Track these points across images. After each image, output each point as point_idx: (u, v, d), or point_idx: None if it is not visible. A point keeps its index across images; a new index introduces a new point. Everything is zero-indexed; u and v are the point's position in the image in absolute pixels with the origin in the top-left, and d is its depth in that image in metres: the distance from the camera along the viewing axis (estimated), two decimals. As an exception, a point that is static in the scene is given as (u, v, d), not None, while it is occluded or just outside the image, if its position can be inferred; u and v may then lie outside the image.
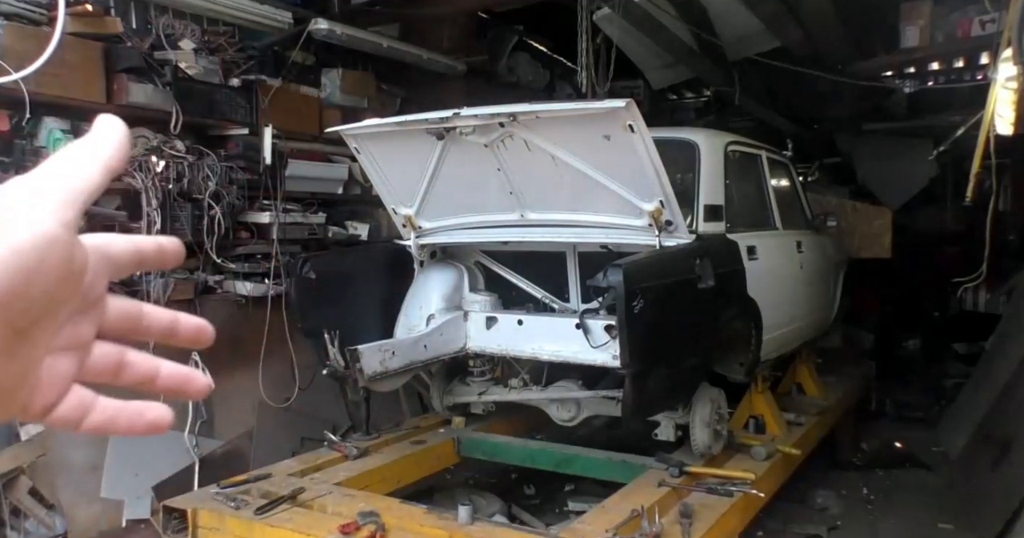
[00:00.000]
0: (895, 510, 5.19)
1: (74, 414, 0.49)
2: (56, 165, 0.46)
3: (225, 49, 4.94)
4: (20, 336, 0.42)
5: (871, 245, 7.34)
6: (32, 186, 0.44)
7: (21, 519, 4.15)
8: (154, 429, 0.53)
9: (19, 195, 0.43)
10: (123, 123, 0.50)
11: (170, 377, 0.54)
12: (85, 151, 0.47)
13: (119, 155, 0.48)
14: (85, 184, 0.46)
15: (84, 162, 0.47)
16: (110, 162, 0.48)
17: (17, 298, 0.40)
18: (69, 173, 0.46)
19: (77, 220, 0.44)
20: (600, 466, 4.13)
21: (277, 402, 5.26)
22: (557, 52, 8.20)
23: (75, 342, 0.48)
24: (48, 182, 0.44)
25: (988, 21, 5.94)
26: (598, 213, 3.61)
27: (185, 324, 0.55)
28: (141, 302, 0.54)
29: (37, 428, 4.24)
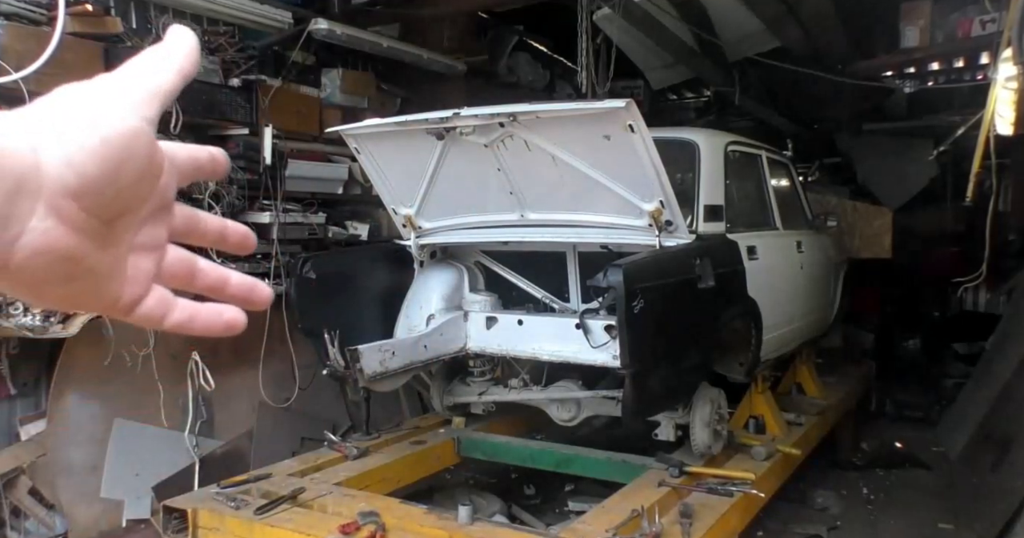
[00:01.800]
0: (895, 510, 5.19)
1: (157, 310, 0.52)
2: (135, 68, 0.49)
3: (225, 49, 4.94)
4: (109, 227, 0.46)
5: (871, 245, 7.34)
6: (116, 84, 0.46)
7: (21, 519, 4.16)
8: (231, 329, 0.56)
9: (105, 91, 0.45)
10: (192, 32, 0.53)
11: (239, 285, 0.57)
12: (161, 56, 0.50)
13: (191, 60, 0.51)
14: (162, 85, 0.48)
15: (161, 66, 0.50)
16: (184, 66, 0.51)
17: (107, 185, 0.43)
18: (148, 75, 0.48)
19: (157, 118, 0.47)
20: (600, 466, 4.13)
21: (277, 402, 5.26)
22: (557, 52, 8.20)
23: (153, 242, 0.51)
24: (130, 82, 0.47)
25: (988, 21, 5.94)
26: (598, 213, 3.61)
27: (233, 230, 0.59)
28: (196, 209, 0.57)
29: (37, 428, 4.24)
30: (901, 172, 8.96)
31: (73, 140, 0.42)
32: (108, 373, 4.35)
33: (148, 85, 0.48)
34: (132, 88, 0.47)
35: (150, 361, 4.44)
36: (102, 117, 0.44)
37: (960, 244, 8.81)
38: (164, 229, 0.52)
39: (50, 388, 4.26)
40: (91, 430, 4.36)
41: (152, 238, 0.51)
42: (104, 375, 4.35)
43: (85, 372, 4.31)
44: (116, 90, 0.46)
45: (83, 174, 0.42)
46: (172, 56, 0.51)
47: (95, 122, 0.43)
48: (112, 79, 0.47)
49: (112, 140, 0.43)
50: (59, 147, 0.42)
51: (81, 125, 0.43)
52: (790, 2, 5.79)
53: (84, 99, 0.45)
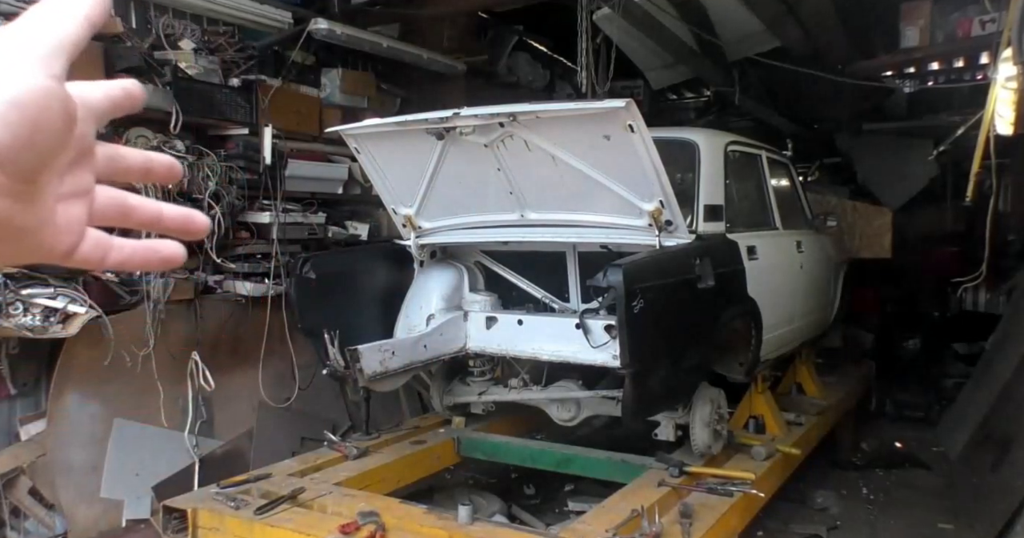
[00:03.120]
0: (895, 510, 5.19)
1: (95, 254, 0.52)
2: (36, 19, 0.46)
3: (225, 49, 4.94)
4: (31, 185, 0.45)
5: (871, 245, 7.34)
6: (17, 39, 0.44)
7: (21, 519, 4.16)
8: (168, 263, 0.57)
9: (6, 49, 0.43)
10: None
11: (174, 217, 0.57)
12: (64, 4, 0.47)
13: (99, 7, 0.49)
14: (68, 35, 0.46)
15: (64, 15, 0.47)
16: (90, 13, 0.48)
17: (23, 151, 0.42)
18: (52, 25, 0.46)
19: (65, 71, 0.45)
20: (600, 466, 4.13)
21: (277, 402, 5.26)
22: (557, 52, 8.21)
23: (79, 188, 0.50)
24: (32, 35, 0.45)
25: (988, 21, 5.94)
26: (598, 213, 3.61)
27: (158, 161, 0.58)
28: (117, 145, 0.55)
29: (37, 428, 4.24)
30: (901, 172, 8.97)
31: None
32: (108, 373, 4.35)
33: (52, 37, 0.45)
34: (35, 42, 0.44)
35: (150, 361, 4.44)
36: (7, 79, 0.42)
37: (960, 244, 8.81)
38: (88, 173, 0.51)
39: (50, 388, 4.26)
40: (91, 430, 4.36)
41: (77, 185, 0.50)
42: (104, 375, 4.35)
43: (85, 372, 4.31)
44: (18, 46, 0.44)
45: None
46: (76, 3, 0.48)
47: (1, 86, 0.42)
48: (12, 33, 0.44)
49: (22, 103, 0.42)
50: None
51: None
52: (790, 2, 5.79)
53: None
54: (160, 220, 0.57)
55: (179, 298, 4.66)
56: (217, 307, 4.97)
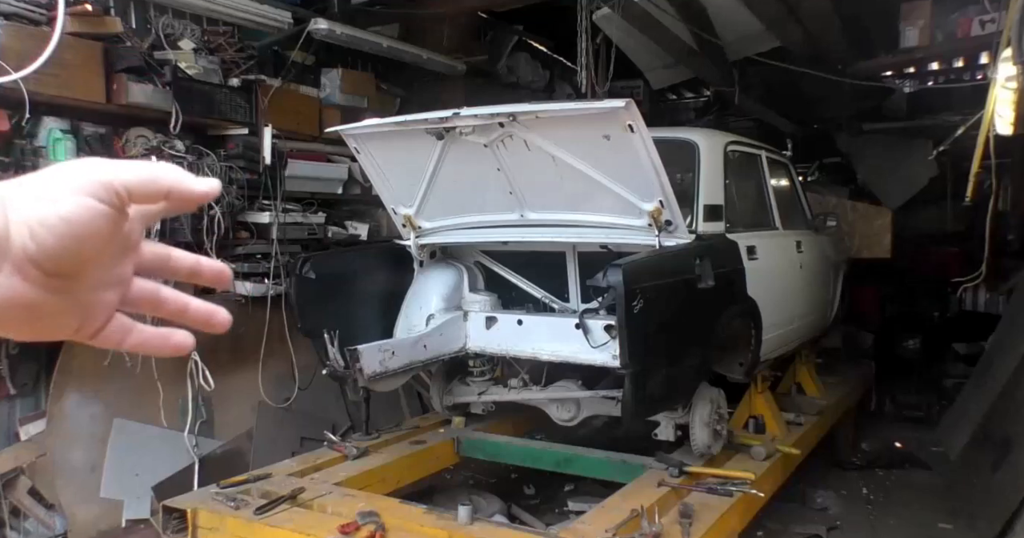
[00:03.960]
0: (895, 510, 5.19)
1: (114, 336, 0.58)
2: (126, 163, 0.53)
3: (225, 49, 4.94)
4: (70, 279, 0.51)
5: (871, 245, 7.34)
6: (98, 168, 0.51)
7: (21, 519, 4.16)
8: (178, 350, 0.62)
9: (80, 172, 0.50)
10: (216, 183, 0.58)
11: (198, 310, 0.63)
12: (157, 166, 0.55)
13: (180, 184, 0.55)
14: (140, 182, 0.52)
15: (152, 170, 0.54)
16: (170, 182, 0.54)
17: (65, 257, 0.49)
18: (133, 168, 0.53)
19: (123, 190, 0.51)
20: (600, 466, 4.13)
21: (277, 402, 5.26)
22: (557, 52, 8.21)
23: (117, 279, 0.56)
24: (112, 169, 0.51)
25: (988, 21, 5.94)
26: (598, 213, 3.61)
27: (207, 266, 0.63)
28: (169, 246, 0.61)
29: (37, 428, 4.24)
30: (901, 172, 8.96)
31: (36, 215, 0.47)
32: (108, 373, 4.35)
33: (128, 175, 0.51)
34: (109, 172, 0.51)
35: (150, 361, 4.44)
36: (71, 196, 0.48)
37: (960, 244, 8.81)
38: (128, 267, 0.57)
39: (50, 388, 4.26)
40: (91, 430, 4.36)
41: (116, 276, 0.56)
42: (104, 375, 4.35)
43: (85, 372, 4.31)
44: (95, 171, 0.50)
45: (43, 246, 0.48)
46: (169, 172, 0.55)
47: (57, 200, 0.48)
48: (97, 164, 0.51)
49: (73, 220, 0.48)
50: (24, 220, 0.47)
51: (45, 202, 0.48)
52: (790, 2, 5.79)
53: (57, 177, 0.49)
54: (185, 313, 0.62)
55: (179, 298, 4.66)
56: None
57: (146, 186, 0.53)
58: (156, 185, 0.53)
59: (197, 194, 0.56)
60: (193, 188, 0.55)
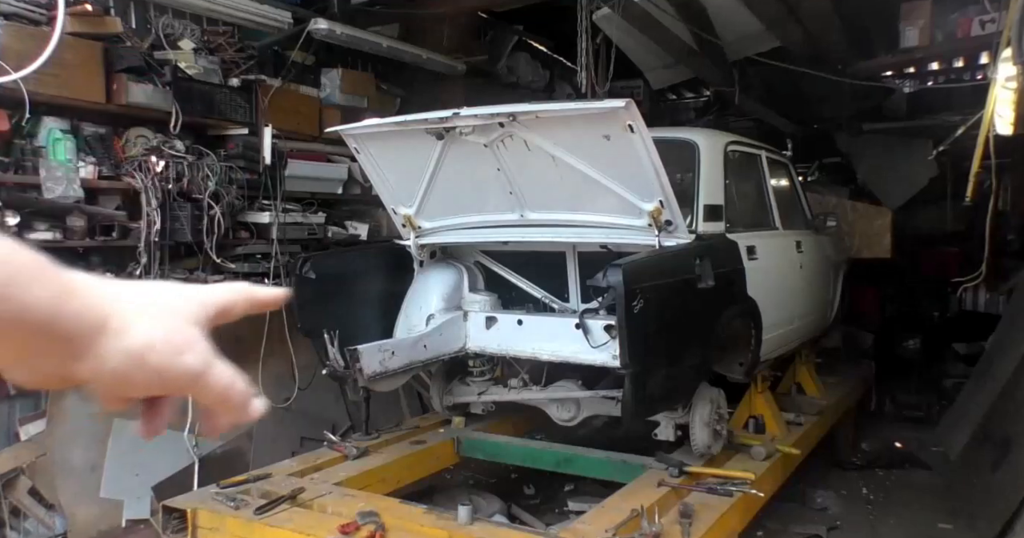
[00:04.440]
0: (895, 510, 5.19)
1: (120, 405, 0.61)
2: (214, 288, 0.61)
3: (225, 49, 4.94)
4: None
5: (871, 245, 7.34)
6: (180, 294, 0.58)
7: (21, 519, 4.16)
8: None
9: (189, 296, 0.58)
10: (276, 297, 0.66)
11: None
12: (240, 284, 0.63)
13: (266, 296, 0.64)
14: (222, 300, 0.60)
15: (232, 288, 0.62)
16: (255, 295, 0.63)
17: (123, 383, 0.54)
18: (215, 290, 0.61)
19: (206, 321, 0.58)
20: (600, 466, 4.13)
21: (277, 402, 5.26)
22: (557, 52, 8.20)
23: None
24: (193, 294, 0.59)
25: (988, 21, 5.94)
26: (598, 213, 3.61)
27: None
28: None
29: (37, 428, 4.24)
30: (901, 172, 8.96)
31: (159, 323, 0.54)
32: (108, 373, 4.34)
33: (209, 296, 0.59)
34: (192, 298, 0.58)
35: (150, 361, 4.43)
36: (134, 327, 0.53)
37: (960, 244, 8.81)
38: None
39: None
40: (91, 430, 4.36)
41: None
42: (104, 375, 4.34)
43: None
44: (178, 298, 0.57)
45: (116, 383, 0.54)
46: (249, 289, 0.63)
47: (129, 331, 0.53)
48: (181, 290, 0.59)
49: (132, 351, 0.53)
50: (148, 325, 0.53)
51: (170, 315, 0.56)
52: (790, 2, 5.79)
53: (176, 296, 0.57)
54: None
55: (179, 298, 4.66)
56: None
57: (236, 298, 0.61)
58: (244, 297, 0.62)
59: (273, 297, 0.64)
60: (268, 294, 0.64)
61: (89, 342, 0.50)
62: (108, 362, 0.52)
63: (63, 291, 0.49)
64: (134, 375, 0.53)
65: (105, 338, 0.51)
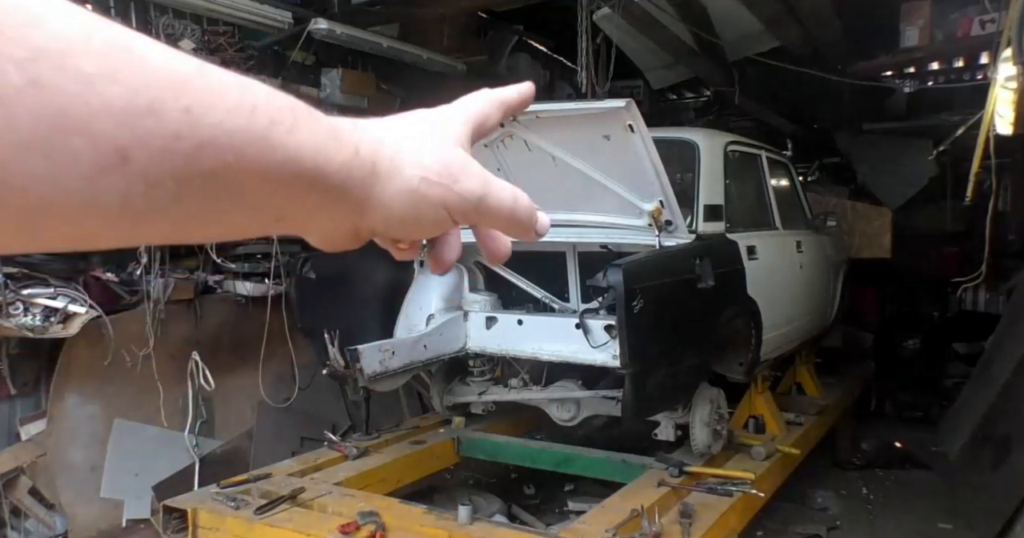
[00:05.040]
0: (895, 510, 5.19)
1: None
2: (461, 102, 0.58)
3: (225, 49, 4.95)
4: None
5: (871, 245, 7.34)
6: (434, 119, 0.56)
7: (21, 519, 4.16)
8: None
9: (421, 128, 0.54)
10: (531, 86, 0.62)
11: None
12: (486, 92, 0.60)
13: (516, 96, 0.60)
14: (479, 111, 0.57)
15: (482, 97, 0.59)
16: (506, 99, 0.60)
17: (413, 225, 0.53)
18: (467, 105, 0.58)
19: (468, 140, 0.56)
20: (600, 466, 4.13)
21: (277, 402, 5.26)
22: (557, 52, 8.20)
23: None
24: (448, 114, 0.56)
25: (988, 21, 5.94)
26: (598, 213, 3.61)
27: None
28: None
29: (38, 428, 4.24)
30: (901, 172, 8.96)
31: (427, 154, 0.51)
32: (108, 373, 4.35)
33: (464, 114, 0.57)
34: (449, 118, 0.56)
35: (150, 361, 4.44)
36: (406, 166, 0.50)
37: (960, 244, 8.81)
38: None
39: (50, 388, 4.26)
40: (91, 430, 4.36)
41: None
42: (104, 375, 4.35)
43: (85, 372, 4.31)
44: (453, 116, 0.56)
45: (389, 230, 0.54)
46: (501, 93, 0.60)
47: (401, 170, 0.50)
48: (433, 114, 0.57)
49: (410, 191, 0.50)
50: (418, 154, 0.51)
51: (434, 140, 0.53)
52: (790, 2, 5.79)
53: (433, 123, 0.55)
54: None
55: (179, 298, 4.66)
56: (217, 307, 4.97)
57: (490, 107, 0.59)
58: (492, 115, 0.59)
59: (522, 95, 0.61)
60: (514, 98, 0.60)
61: (366, 191, 0.47)
62: (393, 208, 0.49)
63: (330, 133, 0.46)
64: (421, 214, 0.51)
65: (381, 182, 0.48)
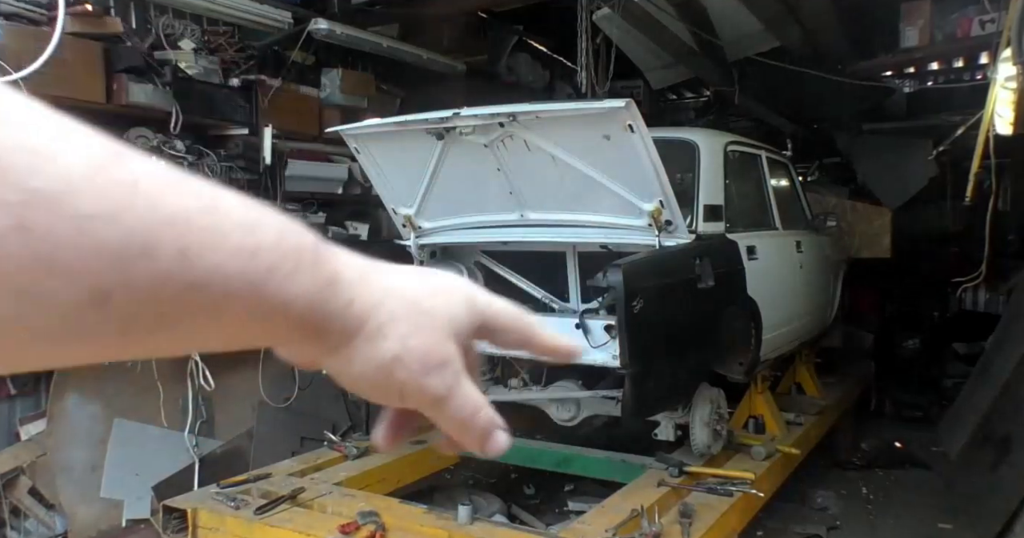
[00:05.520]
0: (895, 510, 5.19)
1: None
2: (492, 300, 0.56)
3: (225, 49, 4.94)
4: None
5: (871, 245, 7.34)
6: (450, 298, 0.52)
7: (21, 519, 4.16)
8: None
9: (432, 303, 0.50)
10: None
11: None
12: (529, 317, 0.58)
13: (549, 345, 0.60)
14: (495, 314, 0.55)
15: (517, 315, 0.57)
16: (536, 337, 0.59)
17: (363, 388, 0.51)
18: (493, 304, 0.55)
19: (469, 334, 0.53)
20: (600, 466, 4.13)
21: (277, 402, 5.26)
22: (557, 52, 8.20)
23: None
24: (469, 298, 0.53)
25: (988, 21, 5.94)
26: (598, 213, 3.61)
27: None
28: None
29: (37, 428, 4.24)
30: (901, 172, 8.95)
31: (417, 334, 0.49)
32: (108, 373, 4.35)
33: (493, 313, 0.55)
34: (483, 308, 0.54)
35: (150, 361, 4.44)
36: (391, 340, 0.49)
37: (960, 244, 8.81)
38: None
39: (50, 388, 4.26)
40: (91, 430, 4.36)
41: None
42: (104, 375, 4.35)
43: (85, 372, 4.31)
44: (473, 301, 0.54)
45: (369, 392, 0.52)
46: (541, 334, 0.59)
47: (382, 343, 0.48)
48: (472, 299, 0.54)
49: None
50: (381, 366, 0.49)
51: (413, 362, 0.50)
52: (790, 2, 5.79)
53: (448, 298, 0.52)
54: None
55: (179, 298, 4.65)
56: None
57: (513, 327, 0.56)
58: (522, 331, 0.56)
59: (558, 349, 0.58)
60: (556, 344, 0.58)
61: (341, 342, 0.47)
62: (354, 366, 0.48)
63: (329, 283, 0.44)
64: (376, 384, 0.50)
65: (357, 341, 0.47)
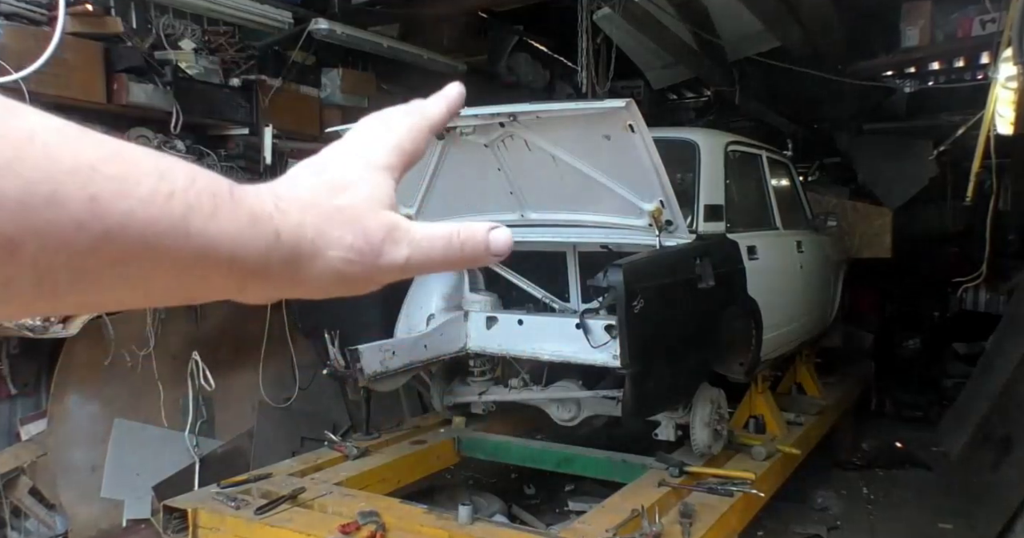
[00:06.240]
0: (895, 510, 5.19)
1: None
2: (373, 126, 0.55)
3: (225, 49, 4.94)
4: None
5: (871, 245, 7.33)
6: (355, 176, 0.50)
7: (22, 519, 4.16)
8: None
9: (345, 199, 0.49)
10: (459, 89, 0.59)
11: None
12: (409, 116, 0.56)
13: (446, 109, 0.57)
14: (399, 151, 0.54)
15: (404, 126, 0.55)
16: (433, 117, 0.56)
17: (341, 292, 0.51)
18: (386, 143, 0.54)
19: (392, 185, 0.52)
20: (600, 466, 4.13)
21: (277, 402, 5.26)
22: (557, 52, 8.20)
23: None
24: (370, 161, 0.52)
25: (988, 21, 5.94)
26: (598, 213, 3.61)
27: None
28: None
29: (38, 428, 4.24)
30: (901, 172, 8.95)
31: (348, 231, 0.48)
32: (108, 373, 4.35)
33: (398, 149, 0.54)
34: (388, 157, 0.53)
35: (150, 361, 4.44)
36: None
37: (960, 244, 8.81)
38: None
39: (50, 388, 4.26)
40: (91, 430, 4.36)
41: None
42: (104, 375, 4.35)
43: (85, 372, 4.31)
44: (378, 162, 0.52)
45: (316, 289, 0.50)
46: (428, 108, 0.57)
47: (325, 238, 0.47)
48: (350, 150, 0.53)
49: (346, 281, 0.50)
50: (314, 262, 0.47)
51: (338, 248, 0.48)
52: (790, 2, 5.79)
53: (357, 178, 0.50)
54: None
55: (179, 298, 4.66)
56: (217, 307, 4.95)
57: (416, 135, 0.55)
58: (420, 127, 0.55)
59: (449, 95, 0.57)
60: (445, 93, 0.57)
61: (289, 273, 0.45)
62: (314, 285, 0.48)
63: (251, 221, 0.43)
64: (352, 285, 0.50)
65: (302, 264, 0.46)
